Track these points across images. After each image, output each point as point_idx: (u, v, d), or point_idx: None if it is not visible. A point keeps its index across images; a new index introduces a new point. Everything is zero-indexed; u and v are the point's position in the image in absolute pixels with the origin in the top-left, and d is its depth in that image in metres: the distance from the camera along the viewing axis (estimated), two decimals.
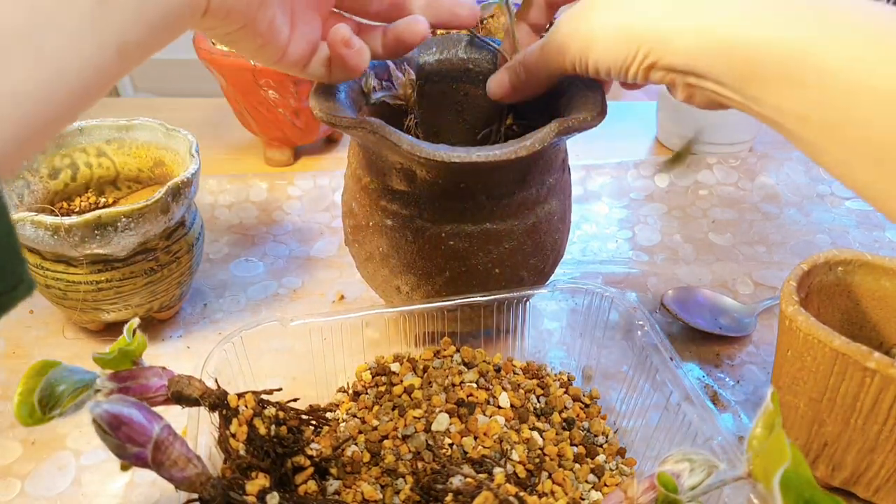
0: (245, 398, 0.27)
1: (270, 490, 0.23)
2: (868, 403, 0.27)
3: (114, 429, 0.20)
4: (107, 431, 0.20)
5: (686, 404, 0.28)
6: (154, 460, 0.21)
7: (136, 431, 0.20)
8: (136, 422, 0.20)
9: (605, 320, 0.33)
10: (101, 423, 0.20)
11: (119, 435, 0.20)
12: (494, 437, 0.28)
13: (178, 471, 0.21)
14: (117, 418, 0.20)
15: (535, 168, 0.32)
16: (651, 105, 0.68)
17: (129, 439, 0.20)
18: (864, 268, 0.33)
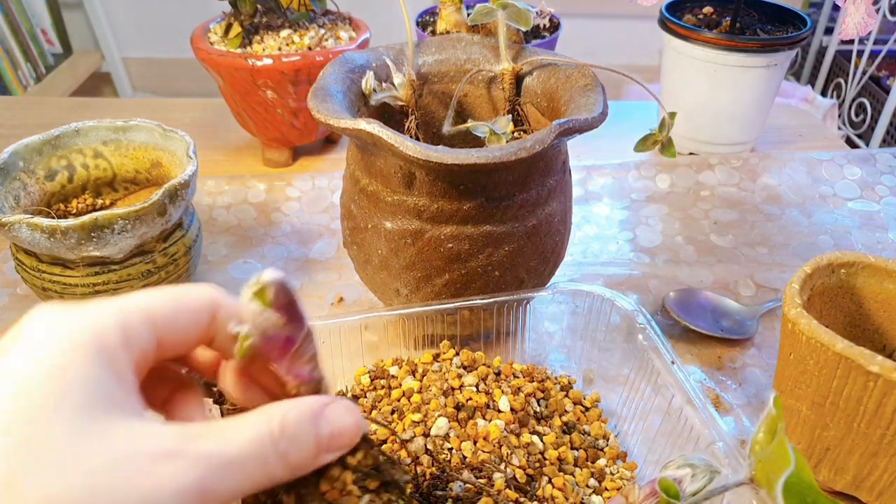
0: None
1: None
2: (871, 407, 0.27)
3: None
4: None
5: (688, 408, 0.27)
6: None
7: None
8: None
9: (605, 323, 0.33)
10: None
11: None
12: (494, 441, 0.28)
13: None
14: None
15: (535, 170, 0.31)
16: (652, 105, 0.68)
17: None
18: (866, 270, 0.33)
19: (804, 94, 0.87)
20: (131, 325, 0.16)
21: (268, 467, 0.16)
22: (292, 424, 0.16)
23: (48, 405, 0.14)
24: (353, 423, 0.17)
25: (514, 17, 0.36)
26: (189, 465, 0.14)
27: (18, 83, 1.39)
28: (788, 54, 0.55)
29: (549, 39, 0.58)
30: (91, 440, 0.14)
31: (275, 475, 0.16)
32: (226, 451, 0.15)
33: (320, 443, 0.17)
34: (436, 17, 0.59)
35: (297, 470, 0.16)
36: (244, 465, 0.15)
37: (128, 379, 0.16)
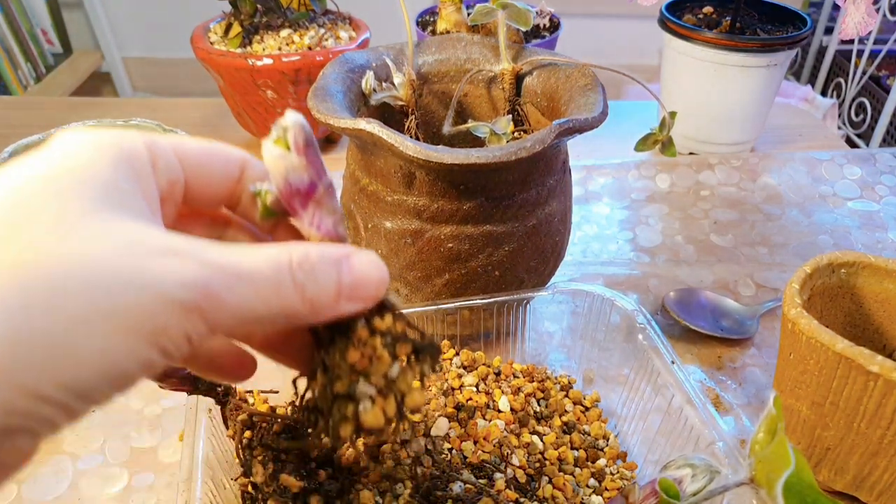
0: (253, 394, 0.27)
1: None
2: (871, 407, 0.27)
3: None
4: None
5: (688, 407, 0.27)
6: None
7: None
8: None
9: (606, 323, 0.33)
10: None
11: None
12: (494, 441, 0.28)
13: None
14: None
15: (535, 169, 0.31)
16: (652, 105, 0.68)
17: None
18: (867, 270, 0.33)
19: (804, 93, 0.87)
20: (160, 151, 0.16)
21: (283, 294, 0.15)
22: (313, 260, 0.15)
23: (58, 190, 0.13)
24: (377, 274, 0.16)
25: (513, 16, 0.36)
26: (196, 264, 0.13)
27: (18, 83, 1.38)
28: (788, 54, 0.55)
29: (549, 39, 0.58)
30: (97, 223, 0.13)
31: (291, 306, 0.15)
32: (237, 264, 0.14)
33: (341, 287, 0.16)
34: (436, 16, 0.59)
35: (316, 310, 0.15)
36: (256, 283, 0.14)
37: (151, 195, 0.15)
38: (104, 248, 0.13)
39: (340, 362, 0.17)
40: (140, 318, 0.13)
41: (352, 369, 0.17)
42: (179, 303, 0.13)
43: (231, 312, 0.14)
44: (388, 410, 0.17)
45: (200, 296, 0.13)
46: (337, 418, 0.17)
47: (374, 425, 0.16)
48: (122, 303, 0.12)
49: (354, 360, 0.17)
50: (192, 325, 0.13)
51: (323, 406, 0.17)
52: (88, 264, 0.12)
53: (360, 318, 0.17)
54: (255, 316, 0.14)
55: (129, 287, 0.12)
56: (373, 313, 0.17)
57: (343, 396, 0.17)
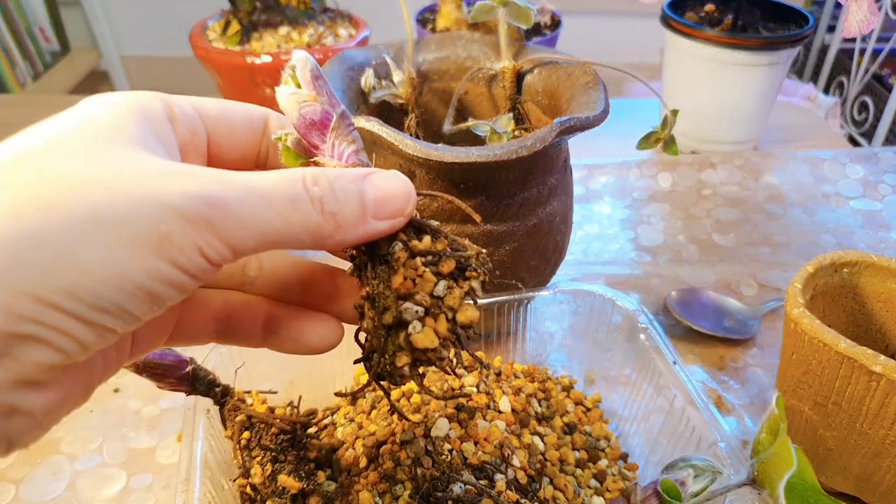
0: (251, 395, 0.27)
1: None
2: (874, 407, 0.27)
3: None
4: None
5: (689, 408, 0.27)
6: None
7: None
8: None
9: (607, 323, 0.33)
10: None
11: None
12: (495, 442, 0.28)
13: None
14: None
15: (536, 168, 0.31)
16: (654, 103, 0.68)
17: None
18: (869, 269, 0.33)
19: (807, 92, 0.86)
20: (175, 102, 0.16)
21: (300, 208, 0.14)
22: (329, 176, 0.15)
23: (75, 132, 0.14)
24: (403, 188, 0.16)
25: (514, 14, 0.36)
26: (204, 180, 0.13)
27: (16, 81, 1.38)
28: (791, 52, 0.54)
29: (550, 37, 0.58)
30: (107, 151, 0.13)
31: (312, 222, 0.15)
32: (248, 179, 0.14)
33: (365, 203, 0.15)
34: (436, 14, 0.59)
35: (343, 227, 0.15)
36: (269, 196, 0.14)
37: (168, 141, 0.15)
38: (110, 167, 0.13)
39: (385, 291, 0.16)
40: (140, 227, 0.13)
41: (397, 295, 0.16)
42: (182, 212, 0.13)
43: (246, 227, 0.14)
44: (439, 329, 0.16)
45: (206, 206, 0.13)
46: (391, 351, 0.16)
47: (427, 345, 0.16)
48: (123, 212, 0.12)
49: (398, 284, 0.16)
50: (202, 238, 0.13)
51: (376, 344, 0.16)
52: (90, 179, 0.13)
53: (398, 241, 0.16)
54: (275, 231, 0.14)
55: (131, 197, 0.13)
56: (409, 236, 0.17)
57: (394, 326, 0.16)
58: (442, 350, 0.16)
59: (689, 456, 0.23)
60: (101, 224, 0.12)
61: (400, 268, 0.16)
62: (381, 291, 0.16)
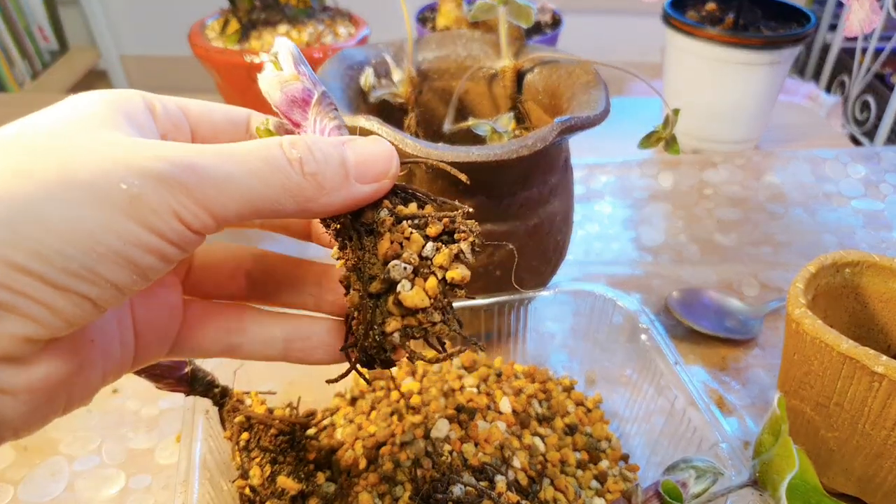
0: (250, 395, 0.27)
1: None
2: (876, 408, 0.27)
3: None
4: None
5: (691, 409, 0.27)
6: None
7: None
8: None
9: (608, 323, 0.33)
10: None
11: None
12: (495, 443, 0.28)
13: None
14: None
15: (536, 168, 0.31)
16: (655, 102, 0.68)
17: None
18: (871, 269, 0.33)
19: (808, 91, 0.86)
20: (158, 99, 0.16)
21: (280, 170, 0.14)
22: (307, 140, 0.15)
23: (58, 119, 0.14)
24: (384, 150, 0.16)
25: (515, 13, 0.35)
26: (176, 147, 0.13)
27: (14, 80, 1.38)
28: (792, 51, 0.54)
29: (551, 36, 0.58)
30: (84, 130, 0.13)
31: (294, 184, 0.14)
32: (222, 147, 0.14)
33: (347, 165, 0.15)
34: (436, 13, 0.59)
35: (326, 189, 0.15)
36: (245, 160, 0.14)
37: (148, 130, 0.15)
38: (82, 137, 0.13)
39: (371, 259, 0.16)
40: (107, 187, 0.12)
41: (385, 261, 0.16)
42: (154, 173, 0.13)
43: (224, 190, 0.14)
44: (429, 288, 0.16)
45: (179, 168, 0.13)
46: (380, 319, 0.16)
47: (418, 304, 0.15)
48: (90, 172, 0.12)
49: (385, 248, 0.16)
50: (177, 201, 0.13)
51: (363, 318, 0.16)
52: (62, 147, 0.13)
53: (383, 208, 0.16)
54: (256, 193, 0.14)
55: (103, 161, 0.12)
56: (395, 203, 0.16)
57: (381, 295, 0.16)
58: (433, 312, 0.16)
59: (691, 457, 0.23)
60: (69, 185, 0.12)
61: (386, 232, 0.16)
62: (367, 260, 0.16)
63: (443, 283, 0.16)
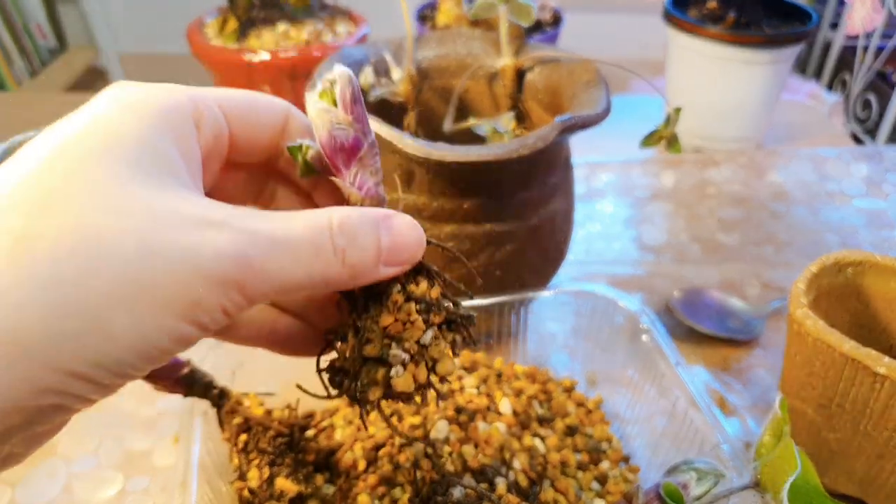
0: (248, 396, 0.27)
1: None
2: (878, 409, 0.27)
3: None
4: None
5: (692, 410, 0.27)
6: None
7: None
8: None
9: (609, 323, 0.33)
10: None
11: None
12: (495, 444, 0.28)
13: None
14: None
15: (537, 167, 0.31)
16: (657, 101, 0.67)
17: None
18: (874, 269, 0.33)
19: (810, 89, 0.86)
20: (204, 104, 0.15)
21: (322, 259, 0.14)
22: (354, 223, 0.15)
23: (91, 149, 0.13)
24: (416, 238, 0.16)
25: (515, 12, 0.35)
26: (233, 234, 0.13)
27: (13, 78, 1.38)
28: (794, 50, 0.54)
29: (552, 34, 0.58)
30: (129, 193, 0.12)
31: (331, 272, 0.14)
32: (276, 231, 0.14)
33: (381, 250, 0.15)
34: (436, 11, 0.59)
35: (357, 275, 0.15)
36: (296, 249, 0.14)
37: (191, 154, 0.15)
38: (137, 221, 0.12)
39: (373, 326, 0.16)
40: (175, 294, 0.12)
41: (384, 334, 0.16)
42: (216, 276, 0.13)
43: (270, 281, 0.14)
44: (418, 376, 0.16)
45: (237, 267, 0.13)
46: (366, 382, 0.16)
47: (405, 390, 0.16)
48: (157, 278, 0.12)
49: (388, 324, 0.16)
50: (228, 298, 0.13)
51: (351, 368, 0.17)
52: (122, 239, 0.12)
53: (396, 282, 0.17)
54: (296, 283, 0.14)
55: (164, 262, 0.12)
56: (408, 278, 0.17)
57: (373, 360, 0.16)
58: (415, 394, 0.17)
59: (692, 459, 0.23)
60: (135, 290, 0.12)
61: (393, 309, 0.16)
62: (369, 326, 0.17)
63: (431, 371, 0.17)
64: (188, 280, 0.12)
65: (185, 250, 0.12)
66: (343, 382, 0.17)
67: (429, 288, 0.17)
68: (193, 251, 0.12)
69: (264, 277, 0.13)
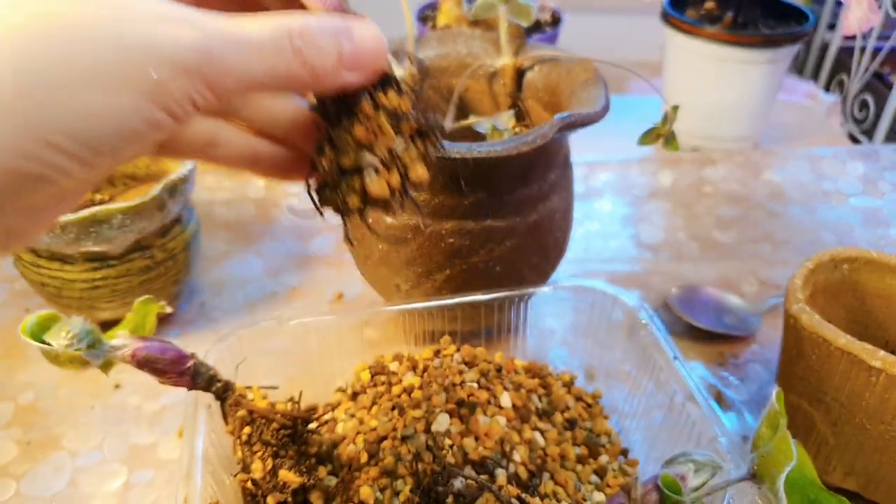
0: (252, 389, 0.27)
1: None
2: (873, 403, 0.27)
3: None
4: None
5: (690, 404, 0.27)
6: None
7: None
8: None
9: (608, 319, 0.33)
10: None
11: None
12: (496, 437, 0.28)
13: None
14: None
15: (536, 164, 0.31)
16: (655, 100, 0.68)
17: None
18: (869, 266, 0.33)
19: (807, 90, 0.86)
20: None
21: (284, 59, 0.15)
22: (313, 29, 0.16)
23: None
24: (377, 45, 0.17)
25: (515, 12, 0.36)
26: (196, 29, 0.14)
27: None
28: (791, 50, 0.54)
29: (551, 34, 0.58)
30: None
31: (292, 71, 0.15)
32: (237, 28, 0.15)
33: (342, 56, 0.16)
34: (436, 11, 0.59)
35: (318, 77, 0.16)
36: (257, 48, 0.15)
37: None
38: (108, 11, 0.13)
39: (346, 137, 0.17)
40: (143, 78, 0.13)
41: (357, 144, 0.17)
42: (181, 64, 0.14)
43: (233, 75, 0.15)
44: (392, 182, 0.18)
45: (199, 56, 0.14)
46: (345, 189, 0.18)
47: (379, 194, 0.17)
48: (127, 62, 0.13)
49: (360, 134, 0.17)
50: (194, 87, 0.14)
51: (330, 180, 0.18)
52: (92, 26, 0.13)
53: (365, 93, 0.17)
54: (257, 79, 0.15)
55: (134, 49, 0.13)
56: (377, 89, 0.18)
57: (350, 171, 0.18)
58: (391, 201, 0.18)
59: (690, 451, 0.23)
60: (107, 71, 0.13)
61: (364, 119, 0.17)
62: (343, 136, 0.18)
63: (404, 178, 0.18)
64: (151, 63, 0.13)
65: (151, 39, 0.14)
66: (325, 195, 0.18)
67: (399, 99, 0.18)
68: (159, 40, 0.14)
69: (226, 71, 0.14)
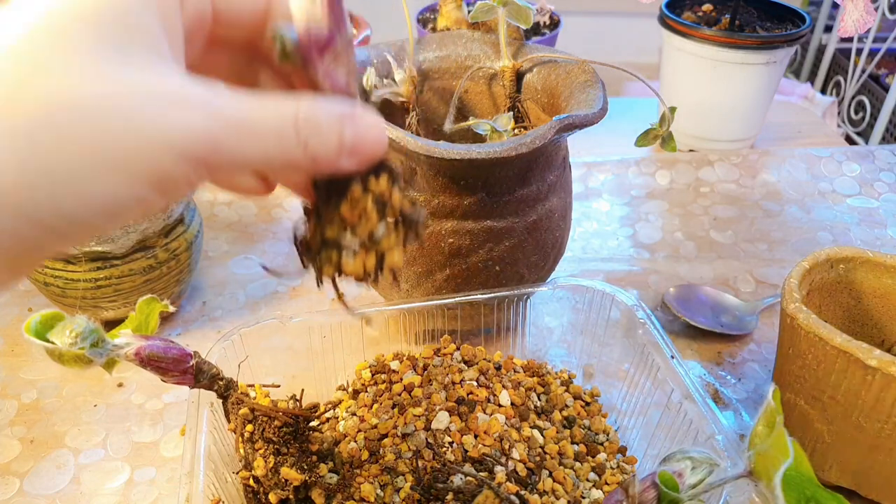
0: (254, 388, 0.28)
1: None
2: (869, 401, 0.27)
3: None
4: None
5: (687, 402, 0.28)
6: None
7: None
8: None
9: (606, 318, 0.33)
10: None
11: None
12: (495, 435, 0.28)
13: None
14: None
15: (535, 165, 0.32)
16: (652, 102, 0.68)
17: None
18: (865, 265, 0.33)
19: (804, 91, 0.87)
20: None
21: (285, 144, 0.15)
22: (318, 115, 0.16)
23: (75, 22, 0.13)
24: (378, 136, 0.17)
25: (514, 14, 0.36)
26: (204, 114, 0.14)
27: None
28: (788, 51, 0.55)
29: (550, 36, 0.58)
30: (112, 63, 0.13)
31: (292, 156, 0.16)
32: (245, 113, 0.15)
33: (343, 144, 0.16)
34: (436, 14, 0.59)
35: (317, 163, 0.16)
36: (261, 133, 0.15)
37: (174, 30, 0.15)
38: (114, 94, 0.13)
39: (333, 212, 0.18)
40: (146, 166, 0.14)
41: (342, 220, 0.18)
42: (186, 153, 0.14)
43: (234, 160, 0.15)
44: (367, 264, 0.18)
45: (206, 145, 0.14)
46: (323, 259, 0.19)
47: (353, 274, 0.18)
48: (130, 150, 0.13)
49: (345, 213, 0.18)
50: (195, 173, 0.14)
51: (313, 245, 0.19)
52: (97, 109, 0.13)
53: (358, 176, 0.18)
54: (258, 163, 0.15)
55: (137, 135, 0.13)
56: (370, 173, 0.18)
57: (331, 242, 0.18)
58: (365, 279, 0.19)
59: (687, 448, 0.23)
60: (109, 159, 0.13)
61: (352, 200, 0.18)
62: (329, 211, 0.18)
63: (380, 262, 0.19)
64: (160, 154, 0.13)
65: (161, 128, 0.13)
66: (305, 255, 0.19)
67: (389, 186, 0.18)
68: (166, 129, 0.14)
69: (230, 158, 0.15)
